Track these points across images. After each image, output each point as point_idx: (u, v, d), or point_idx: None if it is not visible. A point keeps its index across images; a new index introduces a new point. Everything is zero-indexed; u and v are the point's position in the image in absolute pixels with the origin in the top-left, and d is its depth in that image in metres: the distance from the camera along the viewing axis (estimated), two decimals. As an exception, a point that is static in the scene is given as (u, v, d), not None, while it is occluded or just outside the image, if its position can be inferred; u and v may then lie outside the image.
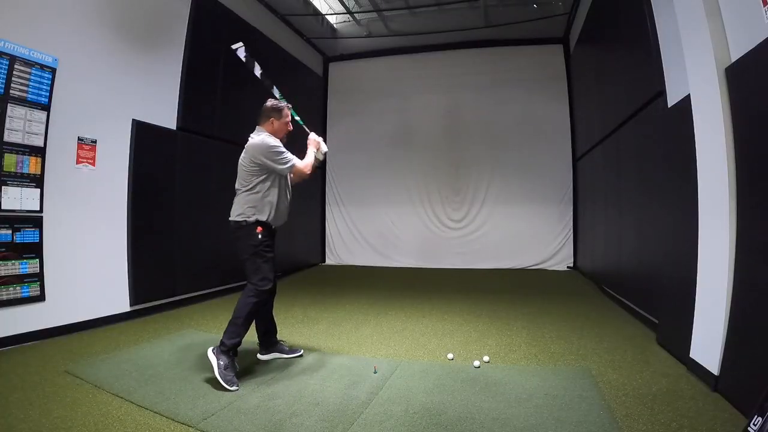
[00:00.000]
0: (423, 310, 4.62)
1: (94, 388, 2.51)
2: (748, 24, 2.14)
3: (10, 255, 3.27)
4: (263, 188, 2.77)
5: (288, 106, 2.96)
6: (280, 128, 2.89)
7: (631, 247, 4.35)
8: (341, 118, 8.88)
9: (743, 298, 2.25)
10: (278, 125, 2.87)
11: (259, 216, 2.75)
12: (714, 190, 2.47)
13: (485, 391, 2.48)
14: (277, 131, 2.88)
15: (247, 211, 2.75)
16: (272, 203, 2.79)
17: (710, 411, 2.17)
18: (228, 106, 5.59)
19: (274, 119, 2.86)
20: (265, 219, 2.76)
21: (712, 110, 2.44)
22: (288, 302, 4.95)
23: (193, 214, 4.92)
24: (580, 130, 7.41)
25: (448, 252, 8.16)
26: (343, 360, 3.06)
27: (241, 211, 2.77)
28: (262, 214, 2.75)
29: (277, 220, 2.85)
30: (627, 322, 4.01)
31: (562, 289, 5.85)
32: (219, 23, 5.53)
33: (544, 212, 7.83)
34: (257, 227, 2.73)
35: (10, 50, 3.24)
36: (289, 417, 2.17)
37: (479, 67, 8.16)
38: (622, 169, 4.70)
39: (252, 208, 2.75)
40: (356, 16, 7.49)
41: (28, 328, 3.36)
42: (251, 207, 2.75)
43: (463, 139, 8.26)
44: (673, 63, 3.16)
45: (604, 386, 2.51)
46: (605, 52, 5.32)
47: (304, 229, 7.95)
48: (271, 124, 2.86)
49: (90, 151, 3.90)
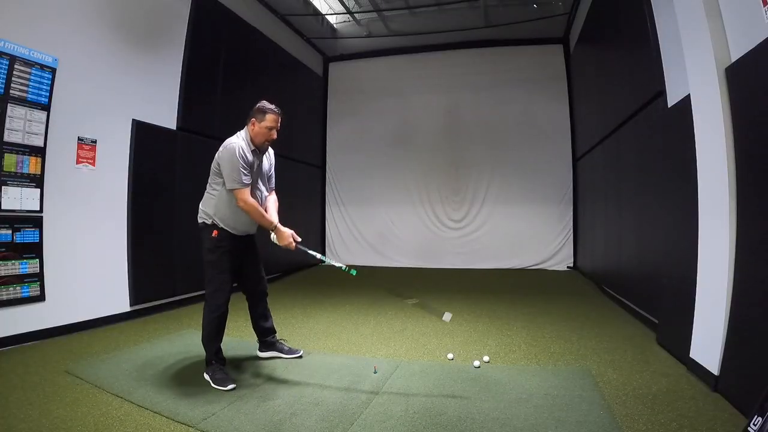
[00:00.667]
0: (423, 309, 4.62)
1: (94, 388, 2.51)
2: (748, 24, 2.14)
3: (10, 255, 3.27)
4: (223, 191, 2.63)
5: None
6: (259, 131, 2.66)
7: (631, 247, 4.35)
8: (341, 118, 8.88)
9: (743, 298, 2.25)
10: (258, 128, 2.66)
11: (216, 219, 2.65)
12: (714, 190, 2.47)
13: (485, 391, 2.48)
14: (256, 134, 2.67)
15: (207, 211, 2.69)
16: (231, 208, 2.65)
17: (710, 411, 2.17)
18: (228, 106, 5.59)
19: (255, 120, 2.67)
20: (221, 223, 2.65)
21: (712, 110, 2.44)
22: (288, 302, 4.95)
23: (193, 214, 4.87)
24: (580, 130, 7.41)
25: (448, 252, 8.16)
26: (343, 360, 3.06)
27: (202, 210, 2.72)
28: (218, 217, 2.65)
29: (236, 226, 2.69)
30: (627, 322, 4.01)
31: (562, 289, 5.85)
32: (219, 23, 5.53)
33: (544, 212, 7.82)
34: (213, 230, 2.65)
35: (10, 50, 3.24)
36: (289, 417, 2.17)
37: (479, 67, 8.16)
38: (622, 169, 4.70)
39: (211, 209, 2.67)
40: (356, 16, 7.49)
41: (28, 328, 3.35)
42: (211, 207, 2.68)
43: (463, 139, 8.26)
44: (673, 63, 3.16)
45: (604, 386, 2.51)
46: (605, 52, 5.32)
47: (304, 229, 7.94)
48: (252, 125, 2.68)
49: (90, 151, 3.89)
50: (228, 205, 2.66)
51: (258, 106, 2.71)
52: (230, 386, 2.50)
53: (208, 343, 2.67)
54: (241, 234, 2.76)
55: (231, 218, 2.68)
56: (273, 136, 2.73)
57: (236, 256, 2.75)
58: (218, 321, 2.67)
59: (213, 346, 2.67)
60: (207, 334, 2.67)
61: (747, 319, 2.21)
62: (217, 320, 2.67)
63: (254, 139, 2.70)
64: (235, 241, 2.73)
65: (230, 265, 2.71)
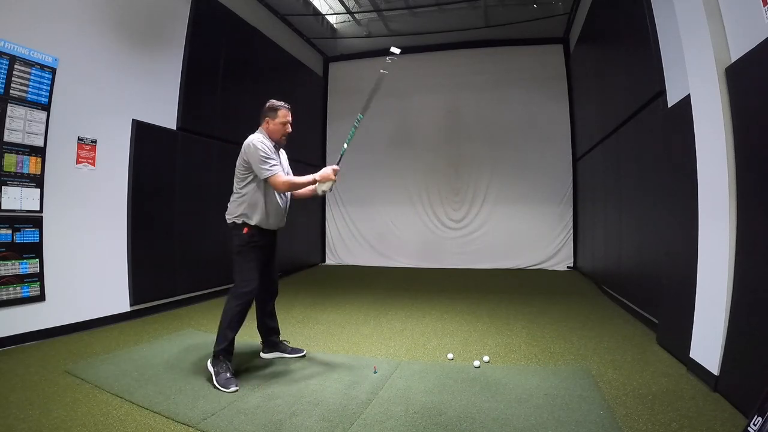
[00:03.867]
0: (423, 310, 4.62)
1: (94, 388, 2.51)
2: (748, 24, 2.14)
3: (10, 255, 3.27)
4: (251, 189, 2.73)
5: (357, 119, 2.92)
6: (275, 128, 2.81)
7: (631, 247, 4.35)
8: (341, 118, 8.88)
9: (743, 298, 2.25)
10: (273, 126, 2.80)
11: (246, 218, 2.72)
12: (714, 190, 2.47)
13: (485, 391, 2.48)
14: (273, 132, 2.81)
15: (236, 211, 2.75)
16: (260, 205, 2.73)
17: (710, 411, 2.17)
18: (228, 106, 5.59)
19: (269, 119, 2.81)
20: (252, 221, 2.72)
21: (712, 110, 2.44)
22: (288, 302, 4.95)
23: (193, 214, 4.92)
24: (580, 130, 7.41)
25: (448, 252, 8.16)
26: (343, 360, 3.06)
27: (232, 211, 2.78)
28: (249, 216, 2.72)
29: (267, 222, 2.78)
30: (627, 322, 4.01)
31: (562, 289, 5.85)
32: (219, 23, 5.53)
33: (544, 212, 7.82)
34: (243, 228, 2.72)
35: (10, 50, 3.24)
36: (289, 417, 2.17)
37: (479, 67, 8.16)
38: (622, 169, 4.70)
39: (240, 209, 2.74)
40: (356, 16, 7.50)
41: (28, 328, 3.36)
42: (239, 207, 2.75)
43: (463, 139, 8.26)
44: (673, 63, 3.16)
45: (604, 386, 2.51)
46: (605, 52, 5.31)
47: (304, 229, 7.96)
48: (266, 123, 2.81)
49: (90, 151, 3.90)
50: (258, 202, 2.73)
51: (268, 105, 2.84)
52: (233, 389, 2.49)
53: (224, 330, 2.66)
54: (273, 228, 2.85)
55: (262, 214, 2.75)
56: (288, 129, 2.87)
57: (264, 252, 2.83)
58: (242, 309, 2.70)
59: (228, 336, 2.66)
60: (227, 322, 2.67)
61: (747, 319, 2.21)
62: (242, 308, 2.70)
63: (271, 136, 2.82)
64: (265, 236, 2.80)
65: (260, 261, 2.79)
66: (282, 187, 2.71)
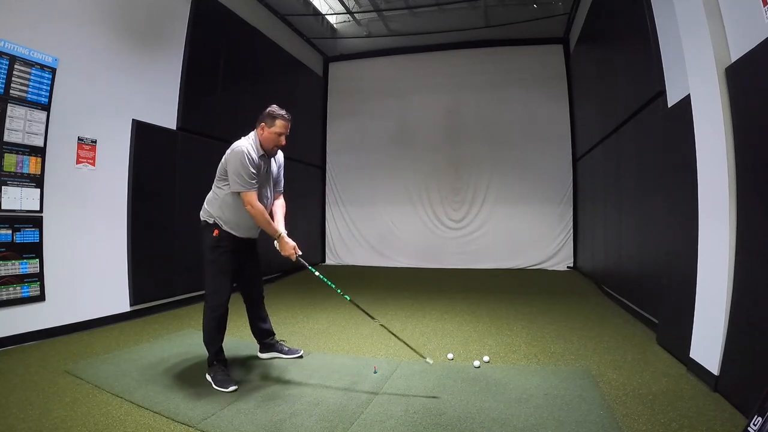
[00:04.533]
0: (423, 310, 4.62)
1: (94, 388, 2.51)
2: (748, 24, 2.14)
3: (10, 255, 3.27)
4: (227, 191, 2.63)
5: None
6: (269, 137, 2.65)
7: (631, 247, 4.35)
8: (341, 118, 8.88)
9: (743, 298, 2.25)
10: (267, 133, 2.64)
11: (218, 220, 2.66)
12: (714, 190, 2.47)
13: (485, 391, 2.48)
14: (265, 140, 2.66)
15: (210, 210, 2.69)
16: (233, 211, 2.65)
17: (710, 411, 2.17)
18: (228, 106, 5.59)
19: (265, 125, 2.65)
20: (224, 225, 2.65)
21: (712, 110, 2.44)
22: (288, 302, 4.94)
23: (193, 214, 4.82)
24: (580, 130, 7.41)
25: (448, 252, 8.15)
26: (343, 360, 3.06)
27: (206, 209, 2.73)
28: (221, 219, 2.65)
29: (238, 229, 2.69)
30: (627, 322, 4.01)
31: (562, 289, 5.85)
32: (219, 23, 5.53)
33: (544, 212, 7.82)
34: (214, 230, 2.65)
35: (10, 50, 3.24)
36: (289, 417, 2.17)
37: (479, 67, 8.16)
38: (622, 169, 4.70)
39: (213, 209, 2.68)
40: (356, 16, 7.50)
41: (28, 328, 3.36)
42: (213, 207, 2.68)
43: (463, 139, 8.26)
44: (673, 63, 3.16)
45: (604, 386, 2.51)
46: (605, 52, 5.31)
47: (304, 229, 7.95)
48: (261, 129, 2.66)
49: (90, 151, 3.89)
50: (231, 208, 2.66)
51: (268, 110, 2.68)
52: (232, 387, 2.50)
53: (209, 343, 2.67)
54: (243, 237, 2.75)
55: (233, 221, 2.68)
56: (282, 142, 2.71)
57: (236, 257, 2.75)
58: (218, 321, 2.66)
59: (214, 346, 2.66)
60: (208, 334, 2.67)
61: (747, 319, 2.21)
62: (217, 320, 2.66)
63: (263, 143, 2.68)
64: (236, 242, 2.72)
65: (230, 266, 2.71)
66: (248, 208, 2.58)
